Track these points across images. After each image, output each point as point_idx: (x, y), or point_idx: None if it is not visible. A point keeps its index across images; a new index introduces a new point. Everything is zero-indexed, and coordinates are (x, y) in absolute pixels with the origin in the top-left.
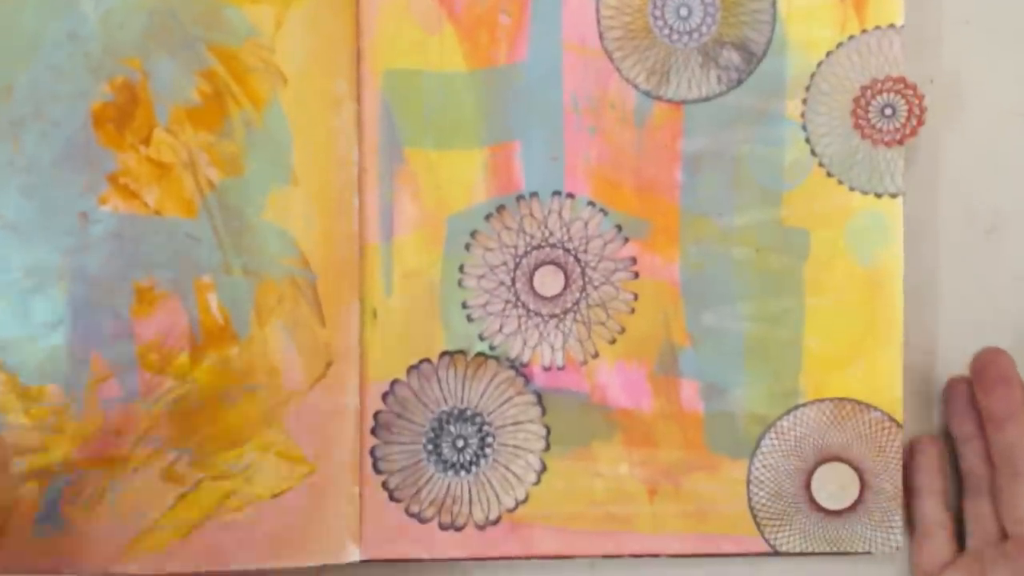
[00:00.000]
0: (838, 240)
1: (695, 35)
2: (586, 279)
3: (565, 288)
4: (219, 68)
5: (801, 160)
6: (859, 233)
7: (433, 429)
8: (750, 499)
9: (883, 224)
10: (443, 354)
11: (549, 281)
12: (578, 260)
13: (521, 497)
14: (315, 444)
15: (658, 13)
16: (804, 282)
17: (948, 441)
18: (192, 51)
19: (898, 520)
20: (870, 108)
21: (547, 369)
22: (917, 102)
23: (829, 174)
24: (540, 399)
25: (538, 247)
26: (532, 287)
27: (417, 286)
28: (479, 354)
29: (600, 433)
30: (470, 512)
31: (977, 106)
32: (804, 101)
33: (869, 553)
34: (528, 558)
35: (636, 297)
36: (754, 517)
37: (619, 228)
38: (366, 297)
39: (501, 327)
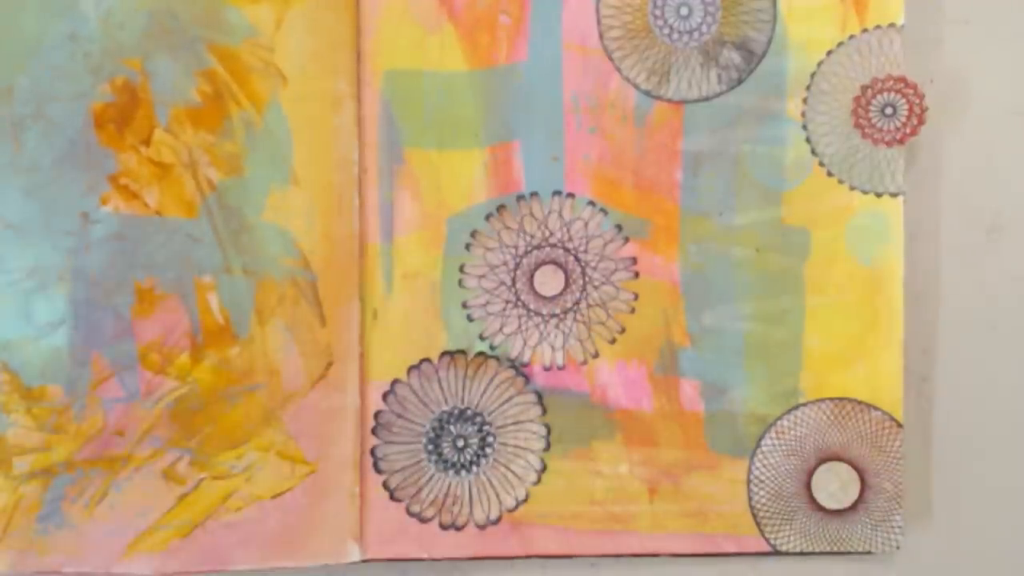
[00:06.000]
0: (838, 240)
1: (695, 34)
2: (586, 279)
3: (565, 288)
4: (219, 68)
5: (801, 159)
6: (860, 233)
7: (434, 429)
8: (750, 499)
9: (884, 224)
10: (444, 354)
11: (549, 281)
12: (578, 260)
13: (521, 497)
14: (315, 444)
15: (658, 12)
16: (804, 282)
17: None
18: (192, 51)
19: (899, 520)
20: (870, 107)
21: (547, 369)
22: (917, 101)
23: (830, 173)
24: (540, 399)
25: (538, 247)
26: (532, 287)
27: (417, 286)
28: (479, 354)
29: (600, 433)
30: (470, 512)
31: (977, 106)
32: (805, 100)
33: (869, 553)
34: (528, 557)
35: (636, 297)
36: (754, 517)
37: (619, 228)
38: (366, 297)
39: (501, 327)
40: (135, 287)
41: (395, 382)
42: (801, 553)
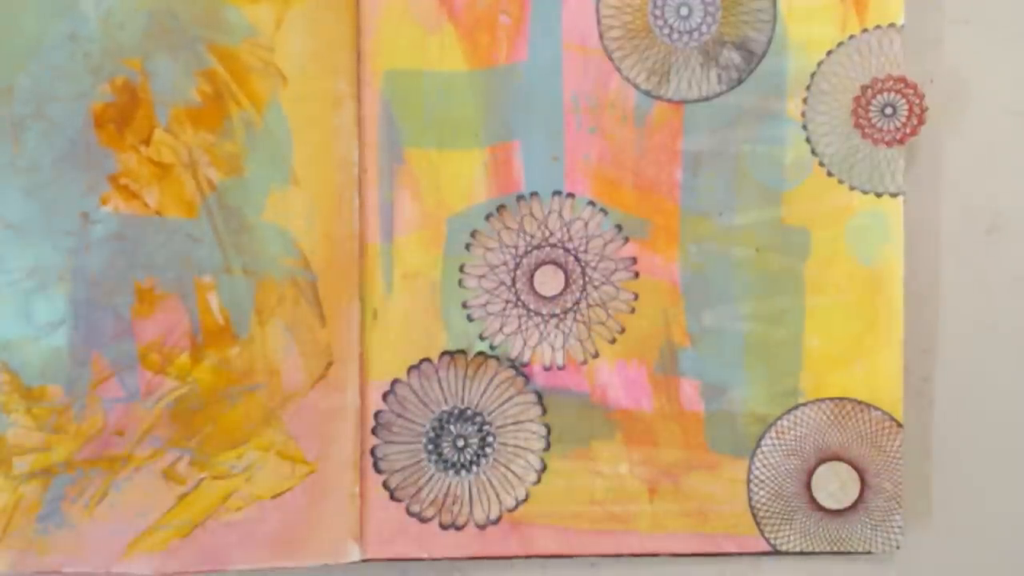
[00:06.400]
0: (838, 240)
1: (695, 34)
2: (586, 279)
3: (565, 288)
4: (219, 68)
5: (801, 159)
6: (859, 232)
7: (433, 429)
8: (750, 498)
9: (884, 224)
10: (443, 354)
11: (549, 281)
12: (578, 260)
13: (521, 497)
14: (315, 444)
15: (658, 12)
16: (804, 281)
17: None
18: (192, 51)
19: (898, 520)
20: (870, 107)
21: (547, 369)
22: (917, 101)
23: (829, 173)
24: (540, 399)
25: (538, 247)
26: (532, 287)
27: (417, 286)
28: (479, 354)
29: (600, 432)
30: (470, 512)
31: (977, 106)
32: (805, 100)
33: (869, 552)
34: (528, 557)
35: (636, 297)
36: (754, 516)
37: (619, 228)
38: (366, 297)
39: (501, 327)
40: (135, 287)
41: (395, 382)
42: (801, 553)
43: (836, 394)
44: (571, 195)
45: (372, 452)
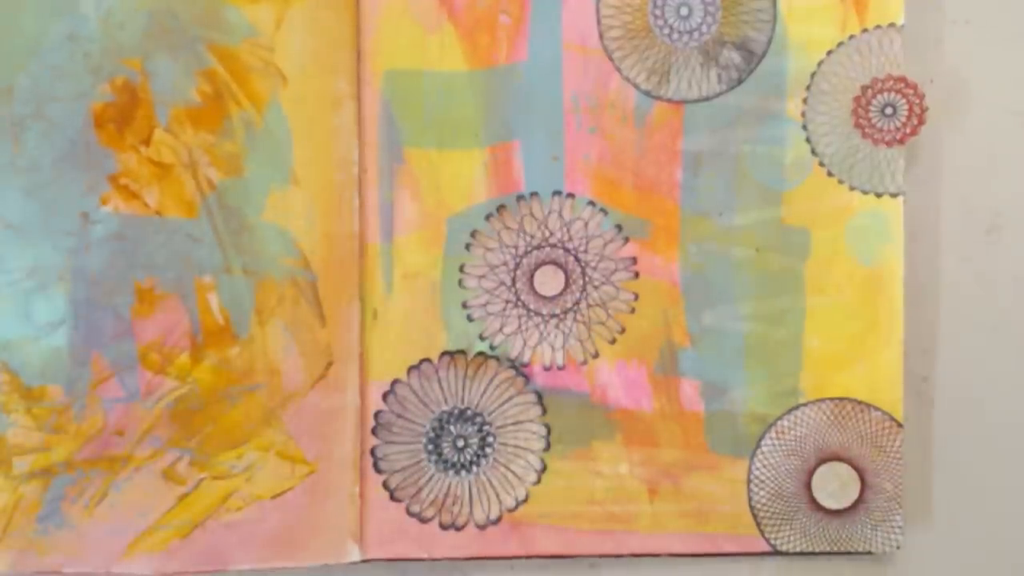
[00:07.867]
0: (838, 240)
1: (695, 34)
2: (586, 279)
3: (565, 288)
4: (219, 68)
5: (801, 159)
6: (860, 233)
7: (433, 429)
8: (751, 499)
9: (884, 224)
10: (443, 354)
11: (549, 281)
12: (578, 260)
13: (521, 497)
14: (315, 444)
15: (658, 12)
16: (804, 282)
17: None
18: (192, 51)
19: (899, 520)
20: (871, 107)
21: (547, 369)
22: (918, 101)
23: (830, 173)
24: (540, 399)
25: (538, 247)
26: (532, 287)
27: (417, 286)
28: (479, 354)
29: (600, 433)
30: (470, 512)
31: (977, 106)
32: (805, 100)
33: (869, 553)
34: (528, 557)
35: (636, 297)
36: (755, 517)
37: (619, 228)
38: (366, 297)
39: (501, 327)
40: (135, 287)
41: (395, 382)
42: (801, 553)
43: (836, 394)
44: (571, 195)
45: (372, 452)
